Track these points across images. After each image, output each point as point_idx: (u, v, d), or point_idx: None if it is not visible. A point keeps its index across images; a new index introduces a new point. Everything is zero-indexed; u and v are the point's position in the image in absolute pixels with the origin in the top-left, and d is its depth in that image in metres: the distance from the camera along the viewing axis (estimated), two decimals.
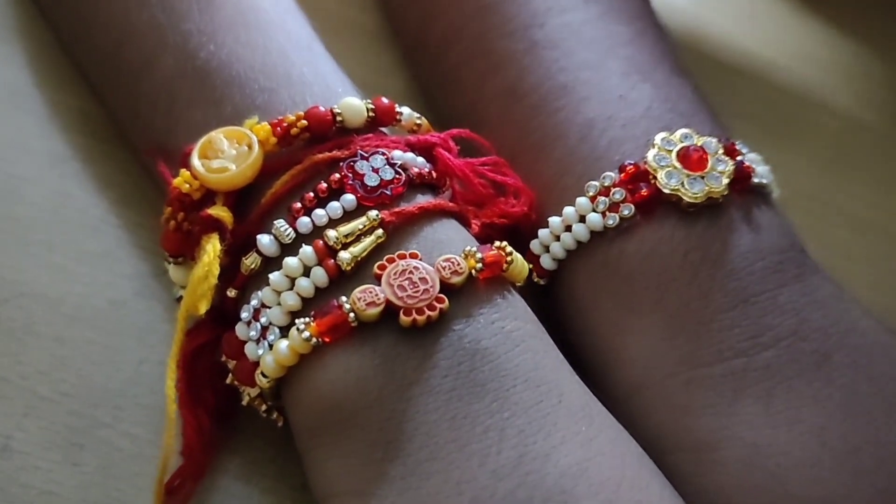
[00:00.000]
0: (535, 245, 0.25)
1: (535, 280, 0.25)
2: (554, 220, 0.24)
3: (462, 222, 0.23)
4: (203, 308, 0.21)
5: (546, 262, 0.24)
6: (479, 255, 0.22)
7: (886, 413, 0.21)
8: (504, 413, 0.20)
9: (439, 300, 0.21)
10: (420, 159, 0.24)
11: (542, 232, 0.24)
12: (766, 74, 0.34)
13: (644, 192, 0.23)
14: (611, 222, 0.23)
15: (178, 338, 0.22)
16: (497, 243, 0.22)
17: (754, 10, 0.36)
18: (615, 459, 0.20)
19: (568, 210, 0.24)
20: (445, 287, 0.21)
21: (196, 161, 0.22)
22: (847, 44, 0.35)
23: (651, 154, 0.24)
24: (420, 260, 0.21)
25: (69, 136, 0.29)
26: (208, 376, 0.23)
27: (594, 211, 0.23)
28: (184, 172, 0.23)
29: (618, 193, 0.23)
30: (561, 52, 0.25)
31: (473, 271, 0.22)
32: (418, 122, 0.25)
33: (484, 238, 0.24)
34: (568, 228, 0.24)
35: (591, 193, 0.24)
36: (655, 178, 0.23)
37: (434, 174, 0.23)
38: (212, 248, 0.22)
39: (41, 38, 0.30)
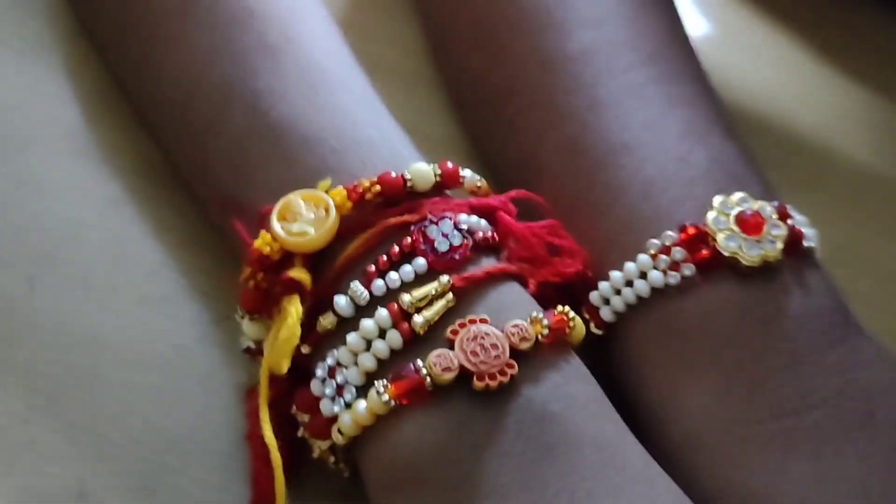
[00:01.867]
0: (594, 297, 0.26)
1: (594, 331, 0.26)
2: (615, 275, 0.25)
3: (521, 282, 0.25)
4: (286, 367, 0.23)
5: (606, 314, 0.26)
6: (545, 321, 0.23)
7: None
8: (573, 476, 0.21)
9: (510, 366, 0.22)
10: (483, 222, 0.25)
11: (602, 285, 0.25)
12: (787, 123, 0.36)
13: (705, 252, 0.24)
14: (672, 281, 0.25)
15: (263, 393, 0.23)
16: (560, 308, 0.24)
17: (774, 57, 0.38)
18: None
19: (629, 266, 0.25)
20: (513, 352, 0.22)
21: (276, 224, 0.23)
22: (864, 93, 0.37)
23: (710, 216, 0.25)
24: (489, 325, 0.23)
25: (125, 179, 0.29)
26: (278, 428, 0.24)
27: (655, 269, 0.25)
28: (264, 234, 0.24)
29: (678, 253, 0.25)
30: (622, 110, 0.27)
31: (540, 336, 0.23)
32: (479, 183, 0.26)
33: (539, 295, 0.25)
34: (629, 283, 0.25)
35: (652, 251, 0.25)
36: (715, 240, 0.25)
37: (496, 237, 0.25)
38: (295, 310, 0.23)
39: (93, 78, 0.31)
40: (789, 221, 0.25)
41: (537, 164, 0.28)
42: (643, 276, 0.25)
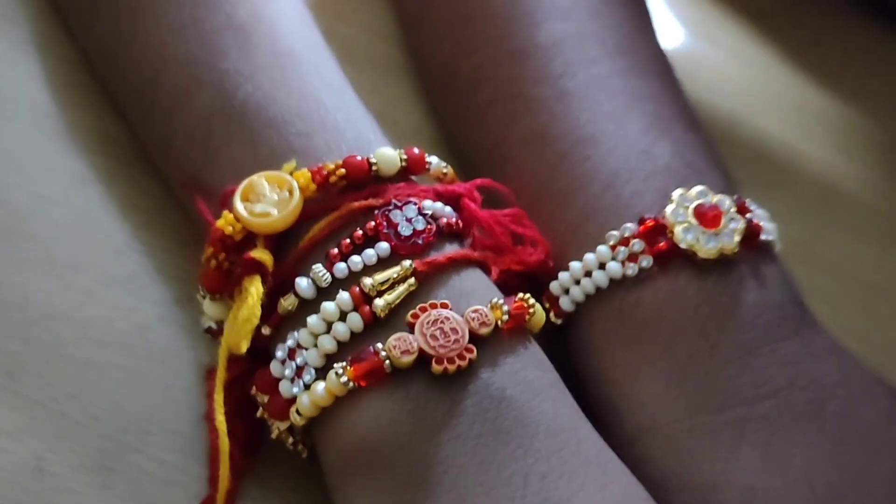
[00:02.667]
0: (554, 287, 0.26)
1: (553, 320, 0.26)
2: (575, 265, 0.26)
3: (484, 269, 0.25)
4: (245, 347, 0.23)
5: (565, 303, 0.26)
6: (505, 307, 0.23)
7: (870, 462, 0.23)
8: (528, 459, 0.22)
9: (469, 350, 0.22)
10: (448, 209, 0.25)
11: (562, 275, 0.26)
12: (750, 121, 0.36)
13: (662, 245, 0.25)
14: (630, 272, 0.25)
15: (220, 374, 0.23)
16: (520, 295, 0.24)
17: (742, 58, 0.38)
18: None
19: (589, 257, 0.25)
20: (473, 337, 0.23)
21: (239, 204, 0.24)
22: (830, 94, 0.38)
23: (669, 209, 0.25)
24: (450, 310, 0.23)
25: (92, 157, 0.29)
26: (237, 408, 0.24)
27: (614, 260, 0.25)
28: (227, 215, 0.24)
29: (637, 244, 0.25)
30: (589, 102, 0.27)
31: (499, 322, 0.23)
32: (445, 170, 0.26)
33: (502, 283, 0.25)
34: (588, 274, 0.25)
35: (611, 243, 0.25)
36: (673, 232, 0.25)
37: (460, 224, 0.25)
38: (255, 290, 0.23)
39: (63, 56, 0.31)
40: (748, 215, 0.26)
41: (503, 154, 0.28)
42: (602, 266, 0.25)
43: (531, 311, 0.24)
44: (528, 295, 0.24)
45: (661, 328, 0.24)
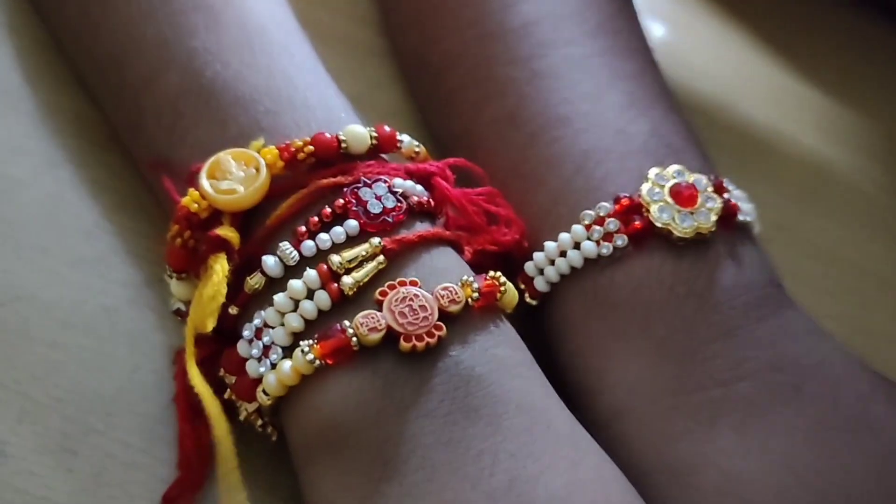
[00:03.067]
0: (529, 267, 0.26)
1: (528, 301, 0.26)
2: (550, 245, 0.25)
3: (456, 249, 0.25)
4: (211, 325, 0.22)
5: (539, 284, 0.26)
6: (475, 285, 0.23)
7: (849, 443, 0.23)
8: (497, 437, 0.21)
9: (438, 328, 0.22)
10: (419, 187, 0.25)
11: (537, 255, 0.25)
12: (736, 105, 0.36)
13: (637, 224, 0.24)
14: (605, 251, 0.25)
15: (189, 350, 0.22)
16: (491, 273, 0.24)
17: (728, 43, 0.38)
18: (600, 484, 0.21)
19: (564, 236, 0.25)
20: (443, 314, 0.22)
21: (205, 181, 0.23)
22: (817, 79, 0.37)
23: (645, 188, 0.25)
24: (419, 287, 0.22)
25: (63, 139, 0.29)
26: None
27: (589, 239, 0.25)
28: (192, 192, 0.23)
29: (612, 224, 0.25)
30: (562, 83, 0.27)
31: (470, 300, 0.23)
32: (417, 149, 0.26)
33: (476, 264, 0.25)
34: (563, 254, 0.25)
35: (586, 222, 0.25)
36: (648, 211, 0.25)
37: (432, 202, 0.25)
38: (220, 268, 0.22)
39: (34, 38, 0.30)
40: (725, 195, 0.25)
41: (474, 139, 0.27)
42: (577, 246, 0.25)
43: (502, 289, 0.23)
44: (499, 273, 0.24)
45: (637, 308, 0.24)
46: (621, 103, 0.26)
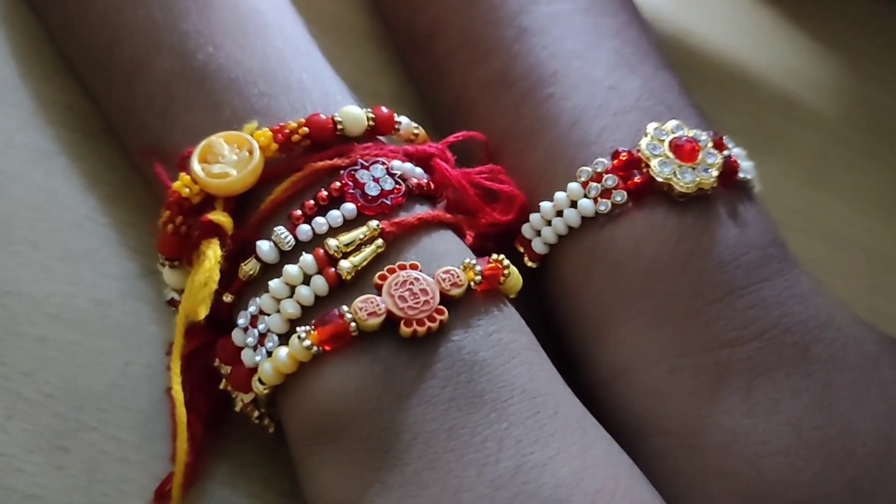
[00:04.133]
0: (526, 229, 0.25)
1: (528, 264, 0.25)
2: (545, 206, 0.24)
3: (458, 232, 0.24)
4: (203, 313, 0.21)
5: (538, 246, 0.25)
6: (478, 268, 0.22)
7: (857, 406, 0.22)
8: (502, 424, 0.20)
9: (439, 312, 0.21)
10: (418, 170, 0.24)
11: (533, 216, 0.25)
12: (749, 88, 0.35)
13: (637, 179, 0.24)
14: (602, 208, 0.24)
15: (178, 342, 0.22)
16: (495, 256, 0.23)
17: (740, 23, 0.37)
18: (609, 470, 0.20)
19: (559, 195, 0.24)
20: (444, 299, 0.21)
21: (196, 165, 0.22)
22: (829, 60, 0.37)
23: (644, 142, 0.24)
24: (420, 271, 0.22)
25: (54, 131, 0.28)
26: (201, 382, 0.23)
27: (586, 196, 0.24)
28: (183, 177, 0.22)
29: (610, 180, 0.24)
30: (550, 39, 0.26)
31: (472, 283, 0.22)
32: (416, 131, 0.25)
33: (478, 247, 0.24)
34: (559, 213, 0.24)
35: (582, 179, 0.24)
36: (648, 166, 0.24)
37: (432, 185, 0.24)
38: (213, 253, 0.21)
39: (26, 29, 0.30)
40: (725, 152, 0.25)
41: (466, 104, 0.27)
42: (574, 205, 0.24)
43: (506, 272, 0.23)
44: (502, 256, 0.23)
45: (639, 266, 0.23)
46: (611, 61, 0.26)
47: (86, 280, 0.26)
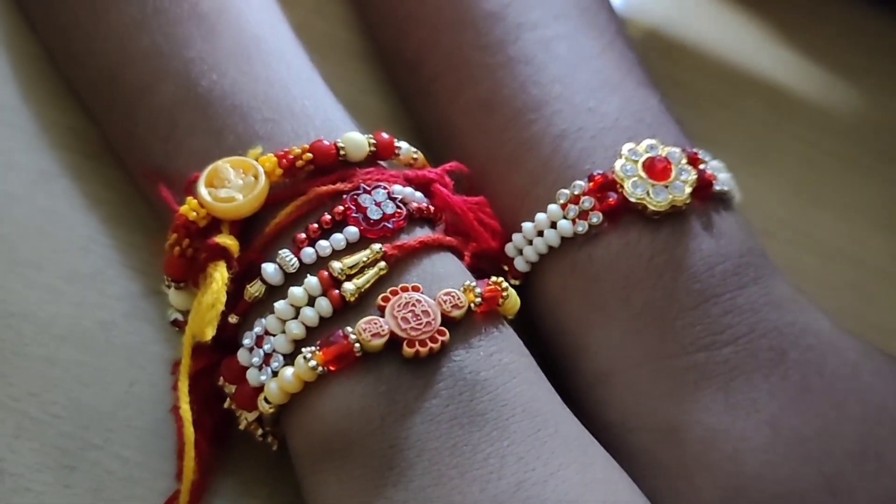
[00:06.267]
0: (509, 248, 0.26)
1: (510, 282, 0.26)
2: (527, 226, 0.25)
3: (457, 255, 0.24)
4: (210, 334, 0.22)
5: (520, 264, 0.26)
6: (477, 290, 0.23)
7: (835, 408, 0.23)
8: (504, 441, 0.21)
9: (441, 333, 0.22)
10: (418, 194, 0.24)
11: (515, 236, 0.26)
12: (738, 101, 0.36)
13: (612, 200, 0.25)
14: (580, 229, 0.25)
15: (185, 362, 0.22)
16: (493, 278, 0.23)
17: (727, 34, 0.38)
18: (609, 486, 0.21)
19: (540, 216, 0.25)
20: (445, 320, 0.22)
21: (203, 190, 0.23)
22: (816, 70, 0.37)
23: (618, 164, 0.25)
24: (421, 293, 0.22)
25: (57, 153, 0.29)
26: (206, 400, 0.24)
27: (565, 218, 0.25)
28: (190, 200, 0.23)
29: (587, 202, 0.25)
30: (534, 67, 0.27)
31: (472, 305, 0.23)
32: (415, 156, 0.26)
33: (475, 270, 0.25)
34: (540, 234, 0.25)
35: (562, 201, 0.25)
36: (623, 187, 0.25)
37: (431, 209, 0.24)
38: (220, 275, 0.22)
39: (28, 53, 0.30)
40: (702, 166, 0.26)
41: (453, 125, 0.28)
42: (553, 225, 0.25)
43: (505, 294, 0.23)
44: (500, 279, 0.23)
45: (616, 280, 0.24)
46: (591, 83, 0.27)
47: (91, 301, 0.26)
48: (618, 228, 0.24)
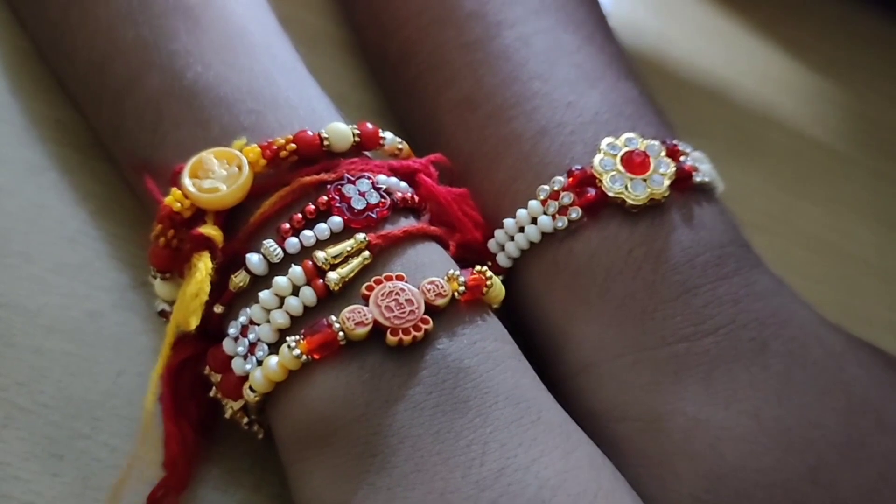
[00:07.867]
0: (491, 244, 0.26)
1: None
2: (508, 222, 0.26)
3: (441, 244, 0.25)
4: (194, 324, 0.22)
5: (502, 260, 0.26)
6: (461, 279, 0.23)
7: (817, 399, 0.23)
8: (486, 428, 0.21)
9: (424, 321, 0.22)
10: (403, 184, 0.25)
11: (497, 232, 0.26)
12: (726, 94, 0.36)
13: (591, 195, 0.25)
14: (560, 224, 0.25)
15: (164, 352, 0.22)
16: (478, 267, 0.24)
17: (716, 30, 0.38)
18: (591, 472, 0.21)
19: (521, 213, 0.26)
20: (429, 308, 0.22)
21: (187, 181, 0.23)
22: (805, 65, 0.38)
23: (597, 159, 0.25)
24: (405, 282, 0.22)
25: (46, 146, 0.29)
26: (192, 389, 0.24)
27: (545, 214, 0.25)
28: (175, 191, 0.23)
29: (566, 197, 0.25)
30: (513, 63, 0.27)
31: (456, 294, 0.23)
32: (400, 146, 0.26)
33: (460, 259, 0.25)
34: (521, 229, 0.26)
35: (542, 197, 0.25)
36: (601, 182, 0.25)
37: (416, 198, 0.25)
38: (204, 266, 0.22)
39: (16, 46, 0.30)
40: (682, 158, 0.26)
41: (436, 123, 0.28)
42: (534, 221, 0.25)
43: (489, 283, 0.23)
44: (485, 268, 0.24)
45: (596, 273, 0.24)
46: (571, 78, 0.27)
47: (79, 292, 0.26)
48: (597, 223, 0.25)
